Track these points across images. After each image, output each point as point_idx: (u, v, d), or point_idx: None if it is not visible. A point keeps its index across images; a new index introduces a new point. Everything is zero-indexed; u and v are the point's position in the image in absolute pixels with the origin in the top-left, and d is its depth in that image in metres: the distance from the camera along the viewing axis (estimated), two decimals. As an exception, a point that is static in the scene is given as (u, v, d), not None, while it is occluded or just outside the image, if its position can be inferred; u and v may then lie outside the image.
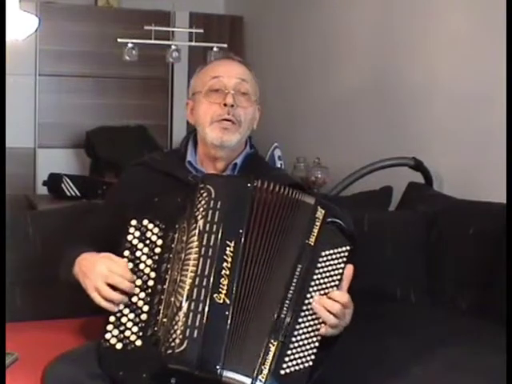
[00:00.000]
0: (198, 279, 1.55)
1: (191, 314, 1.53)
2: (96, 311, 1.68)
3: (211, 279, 1.55)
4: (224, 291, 1.55)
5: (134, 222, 1.68)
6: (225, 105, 1.84)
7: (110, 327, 1.62)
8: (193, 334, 1.51)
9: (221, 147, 1.86)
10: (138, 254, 1.67)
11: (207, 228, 1.59)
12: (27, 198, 4.07)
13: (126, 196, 1.84)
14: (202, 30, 4.20)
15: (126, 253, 1.67)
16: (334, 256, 1.66)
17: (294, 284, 1.61)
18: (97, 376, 1.59)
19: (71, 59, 4.58)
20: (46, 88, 4.58)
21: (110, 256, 1.67)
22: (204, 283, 1.55)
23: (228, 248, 1.58)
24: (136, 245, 1.67)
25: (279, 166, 3.87)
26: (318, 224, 1.66)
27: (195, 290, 1.54)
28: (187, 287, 1.55)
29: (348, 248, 1.67)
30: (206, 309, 1.53)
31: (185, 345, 1.50)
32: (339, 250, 1.67)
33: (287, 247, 1.64)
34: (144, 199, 1.72)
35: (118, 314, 1.63)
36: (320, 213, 1.68)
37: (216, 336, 1.53)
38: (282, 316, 1.58)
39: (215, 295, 1.55)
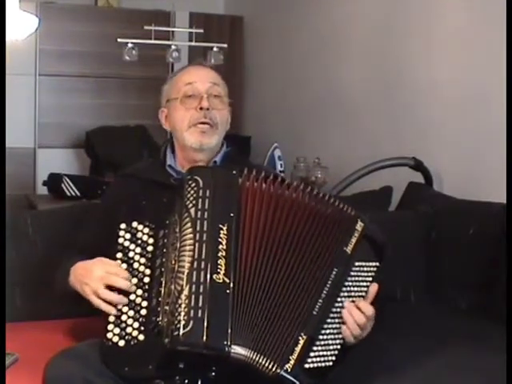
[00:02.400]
0: (195, 263, 1.58)
1: (193, 296, 1.55)
2: (96, 311, 1.69)
3: (209, 261, 1.59)
4: (222, 271, 1.59)
5: (123, 226, 1.72)
6: (201, 108, 1.91)
7: (110, 326, 1.64)
8: (197, 314, 1.53)
9: (200, 150, 1.93)
10: (131, 254, 1.70)
11: (199, 215, 1.63)
12: (27, 197, 4.07)
13: (113, 207, 1.87)
14: (202, 30, 4.20)
15: (119, 255, 1.70)
16: (365, 268, 1.72)
17: (328, 285, 1.65)
18: (104, 374, 1.61)
19: (71, 59, 4.58)
20: (46, 88, 4.58)
21: (103, 259, 1.72)
22: (202, 266, 1.58)
23: (221, 231, 1.63)
24: (128, 246, 1.71)
25: (279, 166, 3.87)
26: (356, 235, 1.72)
27: (194, 274, 1.57)
28: (186, 271, 1.58)
29: (377, 264, 1.74)
30: (207, 289, 1.56)
31: (190, 325, 1.52)
32: (370, 264, 1.73)
33: (319, 246, 1.68)
34: (131, 205, 1.77)
35: (118, 313, 1.65)
36: (360, 226, 1.74)
37: (220, 314, 1.55)
38: (314, 313, 1.62)
39: (214, 276, 1.58)
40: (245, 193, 1.69)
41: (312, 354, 1.60)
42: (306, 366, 1.59)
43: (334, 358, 1.63)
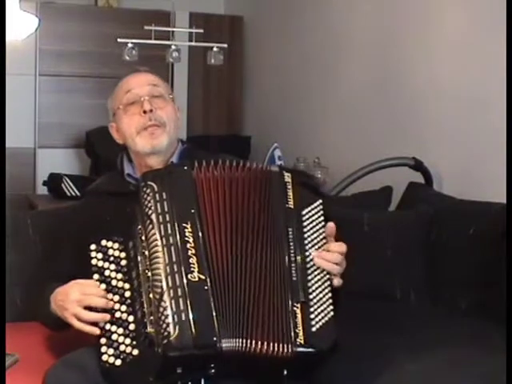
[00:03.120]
0: (168, 268, 1.60)
1: (173, 301, 1.56)
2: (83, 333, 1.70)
3: (181, 263, 1.60)
4: (196, 269, 1.60)
5: (93, 247, 1.72)
6: (144, 112, 1.90)
7: (104, 349, 1.64)
8: (181, 317, 1.55)
9: (154, 153, 1.91)
10: (107, 273, 1.70)
11: (161, 219, 1.64)
12: (27, 197, 4.08)
13: (82, 226, 1.87)
14: (201, 30, 4.19)
15: (96, 276, 1.70)
16: (312, 212, 1.72)
17: (291, 247, 1.66)
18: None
19: (71, 59, 4.58)
20: (46, 88, 4.57)
21: (78, 282, 1.72)
22: (175, 269, 1.60)
23: (186, 230, 1.64)
24: (102, 266, 1.71)
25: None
26: (289, 187, 1.73)
27: (170, 278, 1.59)
28: (161, 278, 1.59)
29: (321, 201, 1.74)
30: (186, 291, 1.57)
31: (177, 330, 1.54)
32: (315, 205, 1.73)
33: (270, 215, 1.69)
34: (96, 224, 1.77)
35: (108, 334, 1.65)
36: (288, 177, 1.74)
37: (203, 312, 1.57)
38: (294, 279, 1.63)
39: (189, 276, 1.59)
40: (200, 185, 1.70)
41: (313, 316, 1.61)
42: (313, 329, 1.60)
43: (332, 307, 1.64)
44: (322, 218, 1.72)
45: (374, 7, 3.57)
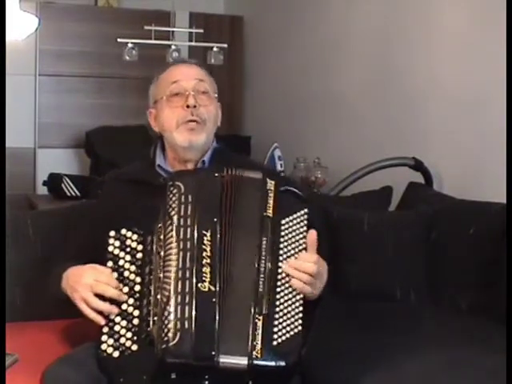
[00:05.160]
0: (180, 272, 1.59)
1: (179, 307, 1.56)
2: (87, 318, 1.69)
3: (193, 270, 1.59)
4: (208, 279, 1.59)
5: (112, 233, 1.70)
6: (187, 106, 1.88)
7: (104, 338, 1.63)
8: (184, 325, 1.54)
9: (190, 148, 1.90)
10: (121, 262, 1.69)
11: (182, 222, 1.63)
12: (27, 197, 4.08)
13: (104, 210, 1.86)
14: (201, 30, 4.20)
15: (110, 263, 1.69)
16: (294, 221, 1.69)
17: (263, 257, 1.63)
18: (99, 379, 1.61)
19: (71, 59, 4.58)
20: (46, 88, 4.57)
21: (95, 267, 1.70)
22: (187, 275, 1.58)
23: (205, 237, 1.62)
24: (118, 254, 1.69)
25: (279, 166, 3.87)
26: (271, 195, 1.70)
27: (179, 283, 1.58)
28: (172, 282, 1.58)
29: (306, 211, 1.70)
30: (193, 299, 1.56)
31: (178, 337, 1.53)
32: (297, 214, 1.70)
33: (248, 224, 1.68)
34: (120, 210, 1.76)
35: (111, 324, 1.64)
36: (270, 184, 1.72)
37: (207, 324, 1.55)
38: (260, 290, 1.61)
39: (199, 284, 1.58)
40: (224, 194, 1.69)
41: (275, 329, 1.58)
42: (274, 343, 1.57)
43: (300, 322, 1.60)
44: (305, 228, 1.68)
45: (374, 7, 3.57)
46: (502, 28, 2.60)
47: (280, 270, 1.63)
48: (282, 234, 1.67)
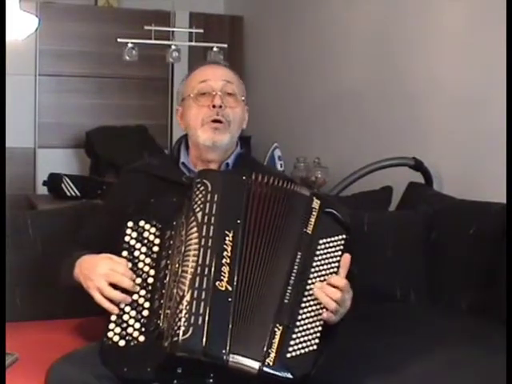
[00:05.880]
0: (199, 268, 1.59)
1: (194, 302, 1.56)
2: (96, 311, 1.69)
3: (212, 268, 1.59)
4: (226, 279, 1.59)
5: (130, 224, 1.71)
6: (213, 106, 1.90)
7: (111, 326, 1.64)
8: (197, 321, 1.54)
9: (213, 148, 1.91)
10: (137, 253, 1.70)
11: (205, 220, 1.64)
12: (27, 197, 4.08)
13: (122, 200, 1.87)
14: (201, 30, 4.20)
15: (124, 253, 1.70)
16: (331, 244, 1.71)
17: (295, 270, 1.65)
18: (103, 376, 1.60)
19: (71, 59, 4.57)
20: (46, 88, 4.57)
21: (110, 256, 1.71)
22: (206, 272, 1.59)
23: (227, 237, 1.63)
24: (134, 245, 1.70)
25: (279, 166, 3.88)
26: (314, 214, 1.72)
27: (197, 279, 1.58)
28: (189, 277, 1.58)
29: (344, 237, 1.72)
30: (209, 296, 1.56)
31: (190, 332, 1.53)
32: (336, 238, 1.72)
33: (285, 235, 1.69)
34: (140, 202, 1.76)
35: (120, 313, 1.65)
36: (316, 203, 1.73)
37: (220, 322, 1.56)
38: (286, 301, 1.62)
39: (217, 283, 1.58)
40: (251, 199, 1.70)
41: (292, 343, 1.59)
42: (288, 355, 1.58)
43: (317, 341, 1.61)
44: (340, 252, 1.70)
45: (374, 7, 3.57)
46: (501, 28, 2.60)
47: (308, 287, 1.64)
48: (317, 253, 1.68)
